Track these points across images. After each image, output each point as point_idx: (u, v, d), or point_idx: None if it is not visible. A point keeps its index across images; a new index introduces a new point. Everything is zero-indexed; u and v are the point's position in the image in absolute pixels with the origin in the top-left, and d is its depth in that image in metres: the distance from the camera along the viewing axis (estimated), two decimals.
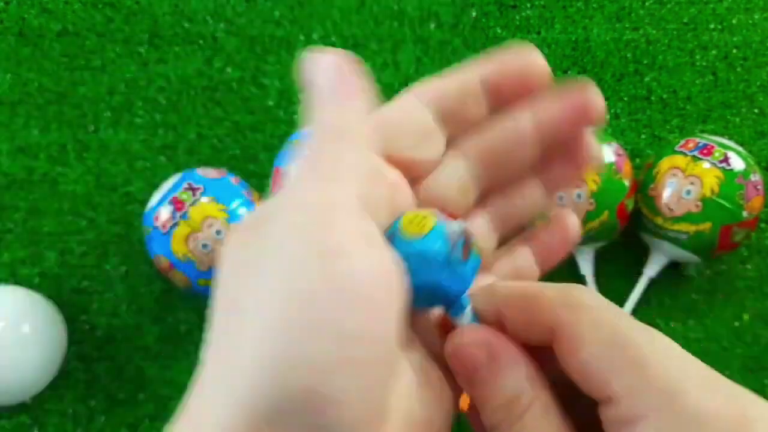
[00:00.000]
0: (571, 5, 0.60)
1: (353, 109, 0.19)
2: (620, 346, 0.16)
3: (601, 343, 0.16)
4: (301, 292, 0.15)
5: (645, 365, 0.16)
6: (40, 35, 0.57)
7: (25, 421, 0.47)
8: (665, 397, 0.15)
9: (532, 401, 0.17)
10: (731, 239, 0.46)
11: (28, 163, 0.53)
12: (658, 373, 0.16)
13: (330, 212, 0.16)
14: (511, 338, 0.18)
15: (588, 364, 0.16)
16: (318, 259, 0.15)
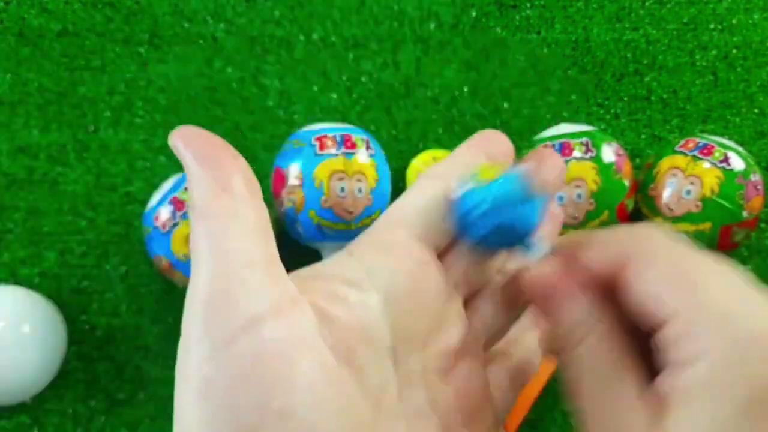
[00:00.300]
0: (571, 5, 0.60)
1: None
2: (683, 271, 0.18)
3: (665, 267, 0.18)
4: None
5: (702, 289, 0.17)
6: (39, 35, 0.57)
7: (24, 421, 0.47)
8: (717, 319, 0.17)
9: (590, 331, 0.19)
10: (731, 239, 0.46)
11: (27, 163, 0.53)
12: (713, 296, 0.17)
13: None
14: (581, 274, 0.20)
15: (652, 284, 0.18)
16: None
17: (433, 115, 0.56)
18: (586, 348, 0.19)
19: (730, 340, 0.16)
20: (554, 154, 0.23)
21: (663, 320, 0.18)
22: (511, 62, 0.58)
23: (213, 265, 0.17)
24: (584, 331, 0.19)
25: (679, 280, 0.18)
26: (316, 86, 0.57)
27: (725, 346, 0.16)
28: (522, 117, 0.56)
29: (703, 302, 0.17)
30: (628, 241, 0.19)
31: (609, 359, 0.19)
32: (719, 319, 0.17)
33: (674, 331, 0.17)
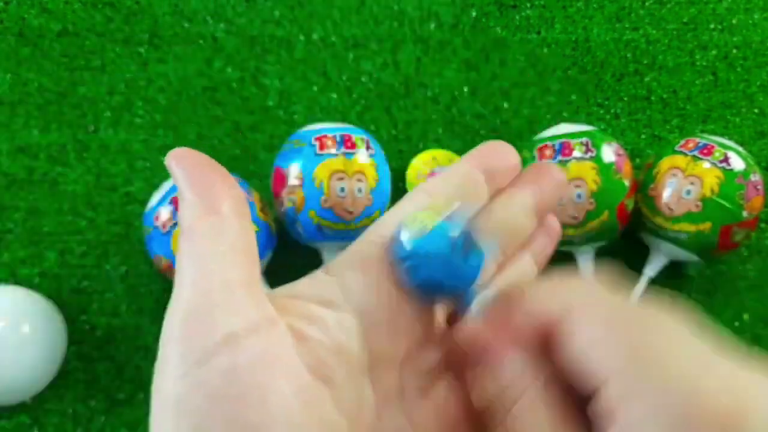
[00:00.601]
0: (571, 5, 0.60)
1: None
2: (618, 326, 0.17)
3: (601, 325, 0.17)
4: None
5: (643, 346, 0.16)
6: (40, 35, 0.57)
7: (24, 421, 0.47)
8: (660, 381, 0.15)
9: (520, 394, 0.18)
10: (731, 239, 0.46)
11: (27, 163, 0.53)
12: (655, 354, 0.16)
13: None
14: (513, 334, 0.19)
15: (586, 345, 0.17)
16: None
17: (433, 114, 0.56)
18: (519, 409, 0.18)
19: (676, 409, 0.15)
20: (554, 168, 0.22)
21: (594, 387, 0.16)
22: (511, 62, 0.58)
23: (194, 285, 0.18)
24: (518, 390, 0.18)
25: (614, 340, 0.16)
26: (316, 86, 0.57)
27: (668, 417, 0.15)
28: (522, 117, 0.56)
29: (638, 367, 0.16)
30: (565, 295, 0.18)
31: (545, 419, 0.18)
32: (667, 380, 0.15)
33: (608, 398, 0.16)
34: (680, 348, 0.16)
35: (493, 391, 0.19)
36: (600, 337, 0.16)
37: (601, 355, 0.16)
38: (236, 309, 0.17)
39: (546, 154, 0.46)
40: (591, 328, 0.17)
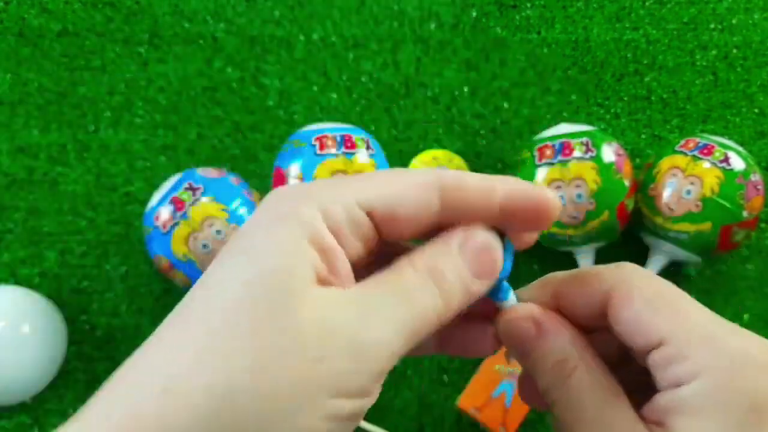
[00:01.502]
0: (571, 5, 0.60)
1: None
2: (666, 299, 0.19)
3: (649, 296, 0.19)
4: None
5: (687, 316, 0.19)
6: (40, 35, 0.57)
7: (25, 420, 0.47)
8: (708, 341, 0.18)
9: (578, 363, 0.20)
10: (731, 239, 0.46)
11: (28, 163, 0.53)
12: (698, 321, 0.19)
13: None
14: (560, 314, 0.21)
15: (639, 314, 0.19)
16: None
17: (433, 115, 0.56)
18: (577, 379, 0.20)
19: (724, 357, 0.18)
20: (551, 196, 0.22)
21: (654, 344, 0.19)
22: (511, 62, 0.58)
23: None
24: (572, 364, 0.20)
25: (665, 307, 0.19)
26: (316, 86, 0.57)
27: (720, 363, 0.18)
28: (522, 117, 0.56)
29: (692, 326, 0.19)
30: (610, 277, 0.20)
31: (602, 387, 0.19)
32: (710, 340, 0.18)
33: (667, 353, 0.18)
34: (713, 316, 0.19)
35: (550, 365, 0.20)
36: (653, 307, 0.19)
37: (656, 323, 0.19)
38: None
39: (546, 154, 0.46)
40: (643, 300, 0.19)
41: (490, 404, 0.45)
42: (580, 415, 0.19)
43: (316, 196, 0.19)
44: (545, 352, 0.20)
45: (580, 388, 0.19)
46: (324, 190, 0.19)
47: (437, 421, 0.48)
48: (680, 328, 0.18)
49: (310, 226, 0.18)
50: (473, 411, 0.45)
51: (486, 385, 0.45)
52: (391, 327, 0.18)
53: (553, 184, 0.46)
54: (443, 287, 0.19)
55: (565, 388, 0.20)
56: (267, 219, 0.18)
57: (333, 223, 0.18)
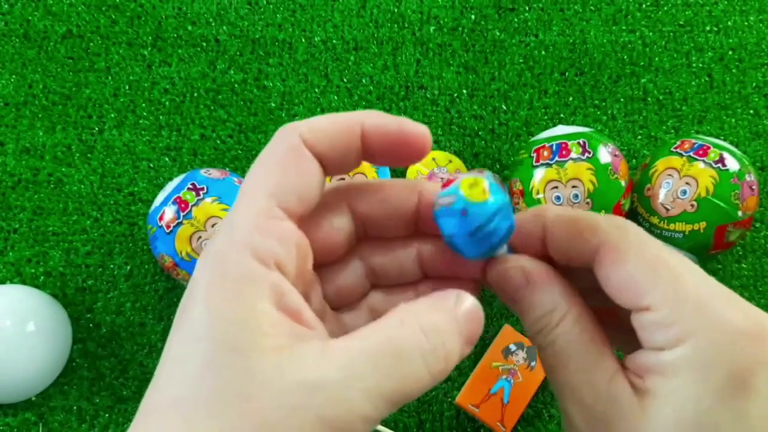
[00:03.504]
0: (568, 8, 0.60)
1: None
2: (661, 264, 0.19)
3: (645, 258, 0.19)
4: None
5: (681, 282, 0.19)
6: (44, 37, 0.58)
7: (30, 418, 0.48)
8: (697, 309, 0.18)
9: (565, 314, 0.20)
10: (726, 239, 0.46)
11: (33, 164, 0.54)
12: (691, 289, 0.18)
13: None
14: (549, 260, 0.21)
15: (632, 275, 0.19)
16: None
17: (433, 116, 0.57)
18: (563, 329, 0.20)
19: (714, 326, 0.18)
20: (411, 124, 0.21)
21: (642, 308, 0.19)
22: (510, 64, 0.58)
23: None
24: (559, 314, 0.20)
25: (658, 271, 0.19)
26: (317, 88, 0.57)
27: (709, 331, 0.18)
28: (520, 118, 0.57)
29: (683, 293, 0.18)
30: (609, 228, 0.20)
31: (587, 338, 0.20)
32: (699, 309, 0.18)
33: (654, 317, 0.19)
34: (711, 284, 0.19)
35: (536, 318, 0.21)
36: (647, 269, 0.19)
37: (649, 285, 0.19)
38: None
39: (543, 155, 0.47)
40: (638, 259, 0.19)
41: (489, 401, 0.46)
42: (564, 363, 0.20)
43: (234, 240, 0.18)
44: (534, 302, 0.21)
45: (566, 338, 0.20)
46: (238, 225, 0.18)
47: (436, 417, 0.48)
48: (670, 295, 0.18)
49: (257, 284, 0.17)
50: (472, 407, 0.45)
51: (484, 382, 0.46)
52: (372, 398, 0.17)
53: (550, 185, 0.46)
54: (449, 350, 0.18)
55: (551, 337, 0.20)
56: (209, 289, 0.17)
57: (269, 256, 0.18)
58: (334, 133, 0.20)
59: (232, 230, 0.18)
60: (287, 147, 0.19)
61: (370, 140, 0.20)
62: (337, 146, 0.20)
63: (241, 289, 0.17)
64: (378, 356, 0.17)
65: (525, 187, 0.47)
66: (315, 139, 0.20)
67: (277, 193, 0.19)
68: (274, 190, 0.19)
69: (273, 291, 0.17)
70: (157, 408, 0.17)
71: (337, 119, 0.20)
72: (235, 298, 0.17)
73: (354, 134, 0.20)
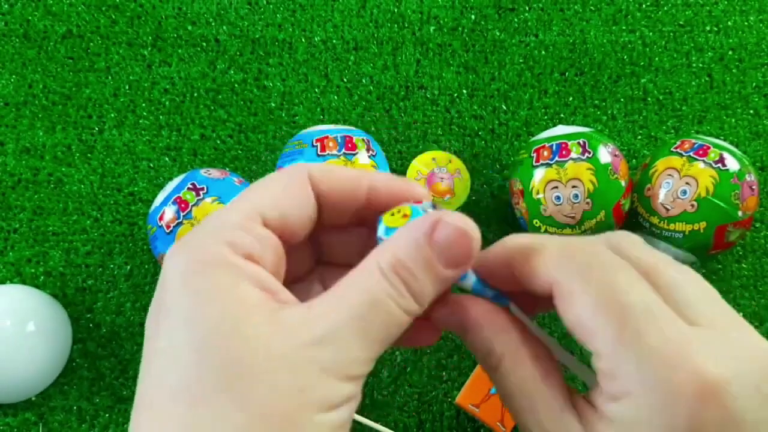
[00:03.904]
0: (568, 8, 0.60)
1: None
2: (613, 308, 0.18)
3: (590, 300, 0.18)
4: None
5: (630, 331, 0.17)
6: (44, 37, 0.58)
7: (30, 418, 0.48)
8: (641, 364, 0.17)
9: (503, 355, 0.20)
10: (726, 239, 0.47)
11: (33, 164, 0.54)
12: (642, 340, 0.17)
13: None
14: (518, 288, 0.21)
15: (577, 324, 0.18)
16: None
17: (433, 116, 0.57)
18: (503, 371, 0.20)
19: (655, 386, 0.17)
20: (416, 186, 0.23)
21: (593, 349, 0.18)
22: (510, 64, 0.58)
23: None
24: (497, 356, 0.20)
25: (610, 316, 0.18)
26: (317, 88, 0.57)
27: (649, 392, 0.17)
28: (520, 118, 0.57)
29: (632, 343, 0.17)
30: (555, 267, 0.19)
31: (528, 374, 0.20)
32: (645, 364, 0.17)
33: (601, 366, 0.18)
34: (668, 327, 0.17)
35: (480, 355, 0.21)
36: (595, 312, 0.18)
37: (595, 331, 0.18)
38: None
39: (543, 155, 0.47)
40: (585, 307, 0.18)
41: (489, 401, 0.46)
42: (512, 401, 0.20)
43: (218, 237, 0.18)
44: (473, 344, 0.21)
45: (507, 377, 0.20)
46: (220, 227, 0.19)
47: (436, 417, 0.48)
48: (612, 347, 0.17)
49: (230, 265, 0.18)
50: (472, 407, 0.46)
51: (484, 382, 0.46)
52: (365, 343, 0.18)
53: (550, 185, 0.46)
54: (413, 287, 0.19)
55: (495, 377, 0.21)
56: (188, 275, 0.18)
57: (244, 251, 0.18)
58: (341, 178, 0.21)
59: (211, 227, 0.19)
60: (291, 175, 0.21)
61: (376, 195, 0.21)
62: (338, 190, 0.21)
63: (220, 273, 0.18)
64: (357, 308, 0.18)
65: (525, 187, 0.47)
66: (321, 177, 0.21)
67: (264, 206, 0.20)
68: (261, 203, 0.20)
69: (251, 275, 0.18)
70: (156, 400, 0.17)
71: (349, 170, 0.21)
72: (215, 282, 0.18)
73: (360, 186, 0.21)
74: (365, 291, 0.18)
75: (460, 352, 0.50)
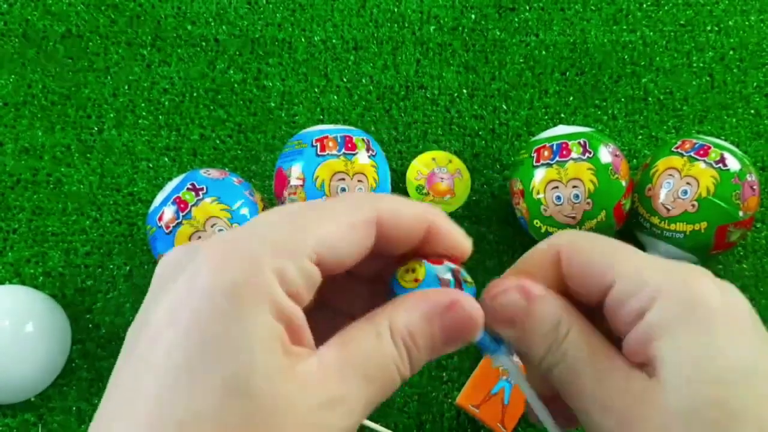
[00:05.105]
0: (569, 7, 0.60)
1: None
2: (609, 245, 0.21)
3: (594, 245, 0.21)
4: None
5: (632, 254, 0.21)
6: (44, 37, 0.58)
7: (29, 419, 0.48)
8: (656, 266, 0.20)
9: (571, 325, 0.20)
10: (727, 239, 0.46)
11: (32, 164, 0.54)
12: (642, 257, 0.20)
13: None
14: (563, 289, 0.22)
15: (589, 258, 0.21)
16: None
17: (433, 116, 0.57)
18: (572, 341, 0.20)
19: (675, 275, 0.19)
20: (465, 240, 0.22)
21: (609, 284, 0.20)
22: (510, 64, 0.58)
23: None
24: (566, 326, 0.21)
25: (610, 250, 0.21)
26: (317, 88, 0.57)
27: (673, 280, 0.19)
28: (520, 118, 0.57)
29: (638, 260, 0.20)
30: (557, 241, 0.22)
31: (596, 345, 0.20)
32: (658, 267, 0.19)
33: (622, 288, 0.19)
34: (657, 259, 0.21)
35: (545, 330, 0.21)
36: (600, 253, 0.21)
37: (606, 262, 0.20)
38: None
39: (544, 154, 0.47)
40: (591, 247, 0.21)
41: (489, 401, 0.46)
42: (579, 374, 0.20)
43: (270, 254, 0.17)
44: (538, 318, 0.21)
45: (577, 348, 0.20)
46: (275, 245, 0.18)
47: (436, 418, 0.48)
48: (628, 263, 0.20)
49: (272, 300, 0.17)
50: (472, 408, 0.45)
51: (485, 383, 0.46)
52: (367, 405, 0.18)
53: (550, 185, 0.46)
54: (414, 357, 0.19)
55: (561, 351, 0.20)
56: (220, 291, 0.17)
57: (291, 288, 0.17)
58: (408, 220, 0.20)
59: (263, 241, 0.18)
60: (359, 210, 0.19)
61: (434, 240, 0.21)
62: (403, 233, 0.20)
63: (255, 309, 0.17)
64: (366, 371, 0.18)
65: (525, 187, 0.47)
66: (389, 220, 0.20)
67: (324, 242, 0.18)
68: (322, 237, 0.18)
69: (287, 317, 0.17)
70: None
71: (415, 209, 0.20)
72: (245, 315, 0.17)
73: (418, 228, 0.20)
74: (377, 355, 0.18)
75: (460, 352, 0.50)
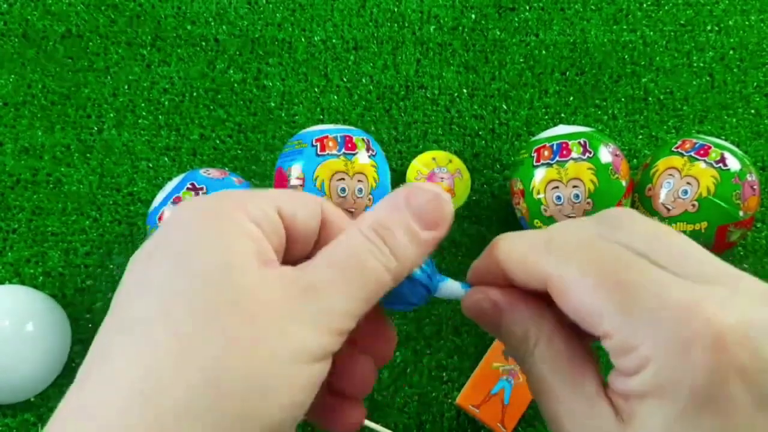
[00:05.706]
0: (569, 7, 0.60)
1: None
2: (605, 276, 0.18)
3: (587, 281, 0.18)
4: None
5: (629, 293, 0.17)
6: (43, 37, 0.58)
7: (29, 419, 0.48)
8: (650, 324, 0.17)
9: (539, 338, 0.20)
10: (727, 239, 0.46)
11: (32, 164, 0.54)
12: (644, 300, 0.17)
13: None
14: (517, 288, 0.21)
15: (579, 310, 0.19)
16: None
17: (433, 116, 0.57)
18: (539, 354, 0.20)
19: (669, 342, 0.17)
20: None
21: (603, 333, 0.18)
22: (510, 64, 0.58)
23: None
24: (533, 340, 0.20)
25: (605, 289, 0.18)
26: (317, 88, 0.57)
27: (665, 349, 0.17)
28: (520, 118, 0.57)
29: (633, 308, 0.17)
30: (546, 263, 0.20)
31: (563, 361, 0.20)
32: (655, 322, 0.17)
33: (614, 344, 0.18)
34: (666, 285, 0.17)
35: (515, 340, 0.21)
36: (597, 293, 0.18)
37: (600, 311, 0.18)
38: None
39: (544, 154, 0.47)
40: (583, 295, 0.18)
41: (489, 401, 0.45)
42: (545, 388, 0.20)
43: (237, 201, 0.20)
44: (506, 331, 0.21)
45: (543, 362, 0.20)
46: (241, 197, 0.20)
47: (436, 418, 0.48)
48: (620, 318, 0.17)
49: (240, 223, 0.19)
50: (472, 408, 0.45)
51: (485, 383, 0.46)
52: (347, 296, 0.19)
53: (550, 185, 0.46)
54: (391, 243, 0.20)
55: (528, 365, 0.20)
56: (198, 218, 0.19)
57: (255, 220, 0.19)
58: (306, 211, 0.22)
59: (228, 195, 0.20)
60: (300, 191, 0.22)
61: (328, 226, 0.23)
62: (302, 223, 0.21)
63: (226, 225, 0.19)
64: (339, 262, 0.19)
65: (525, 187, 0.47)
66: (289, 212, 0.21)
67: (281, 200, 0.21)
68: (278, 197, 0.21)
69: (255, 238, 0.19)
70: (138, 323, 0.17)
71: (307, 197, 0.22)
72: (218, 230, 0.19)
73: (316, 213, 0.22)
74: (347, 247, 0.20)
75: (460, 352, 0.50)
